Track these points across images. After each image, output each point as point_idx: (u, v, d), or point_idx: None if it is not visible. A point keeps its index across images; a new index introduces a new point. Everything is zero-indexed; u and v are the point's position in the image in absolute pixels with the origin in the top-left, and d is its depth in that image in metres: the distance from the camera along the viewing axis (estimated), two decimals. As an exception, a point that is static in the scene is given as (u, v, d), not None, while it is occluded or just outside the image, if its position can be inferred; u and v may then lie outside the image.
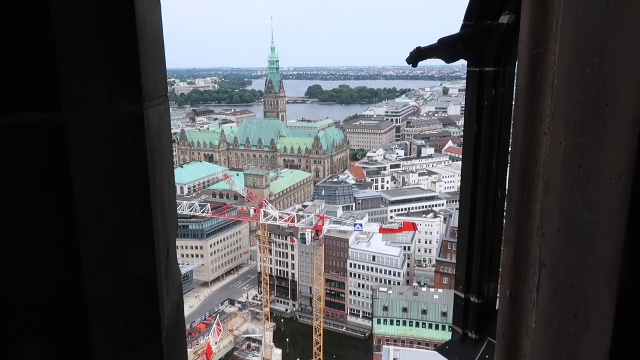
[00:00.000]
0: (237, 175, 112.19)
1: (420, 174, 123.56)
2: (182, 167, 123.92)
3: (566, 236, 1.34)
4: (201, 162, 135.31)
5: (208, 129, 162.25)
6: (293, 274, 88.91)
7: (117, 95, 1.31)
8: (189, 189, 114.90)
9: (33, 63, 1.18)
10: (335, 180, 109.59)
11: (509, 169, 1.67)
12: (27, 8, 1.16)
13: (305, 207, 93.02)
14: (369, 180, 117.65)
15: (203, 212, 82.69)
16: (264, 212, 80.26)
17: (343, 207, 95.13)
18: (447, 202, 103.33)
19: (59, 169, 1.21)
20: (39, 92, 1.18)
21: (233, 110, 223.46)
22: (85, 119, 1.23)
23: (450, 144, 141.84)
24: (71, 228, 1.22)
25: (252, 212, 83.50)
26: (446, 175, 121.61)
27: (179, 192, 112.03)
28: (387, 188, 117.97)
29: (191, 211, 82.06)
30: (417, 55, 4.10)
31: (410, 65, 4.12)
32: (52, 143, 1.19)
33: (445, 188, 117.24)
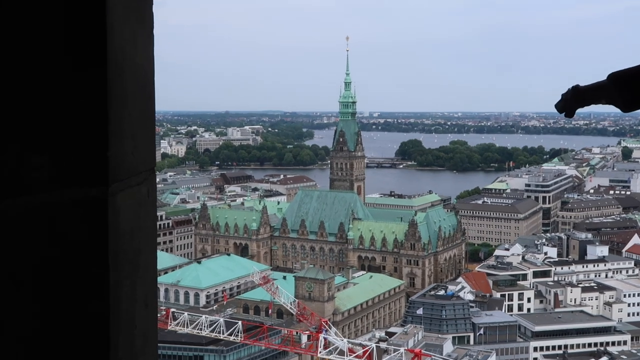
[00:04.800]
0: (284, 278, 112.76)
1: (585, 289, 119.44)
2: (199, 263, 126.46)
3: None
4: (229, 255, 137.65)
5: (242, 204, 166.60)
6: None
7: (64, 173, 1.29)
8: (207, 296, 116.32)
9: None
10: (442, 292, 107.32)
11: None
12: None
13: (391, 334, 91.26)
14: (497, 295, 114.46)
15: (231, 334, 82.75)
16: (324, 339, 79.05)
17: (453, 337, 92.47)
18: (631, 339, 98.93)
19: None
20: None
21: (282, 176, 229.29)
22: (9, 209, 1.23)
23: (635, 239, 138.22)
24: None
25: (305, 339, 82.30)
26: (630, 293, 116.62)
27: (192, 301, 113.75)
28: (529, 310, 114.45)
29: (213, 332, 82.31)
30: (574, 99, 3.82)
31: (563, 114, 3.87)
32: None
33: (628, 314, 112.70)
